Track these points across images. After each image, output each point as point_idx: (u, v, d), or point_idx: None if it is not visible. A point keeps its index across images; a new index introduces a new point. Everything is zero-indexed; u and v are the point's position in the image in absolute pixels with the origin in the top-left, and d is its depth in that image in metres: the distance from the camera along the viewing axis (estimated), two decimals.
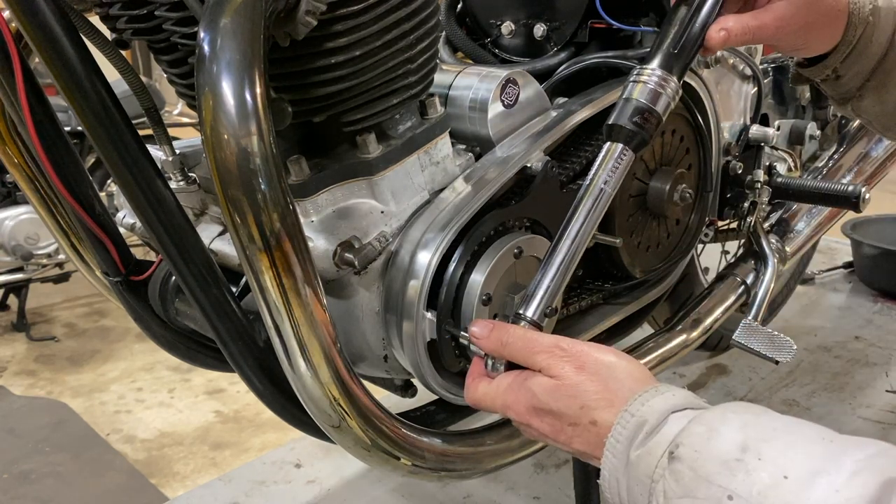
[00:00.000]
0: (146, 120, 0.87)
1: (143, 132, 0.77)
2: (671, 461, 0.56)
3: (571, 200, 0.79)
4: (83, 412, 2.69)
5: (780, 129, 1.52)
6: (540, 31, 1.09)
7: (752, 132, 1.31)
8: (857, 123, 1.64)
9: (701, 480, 0.54)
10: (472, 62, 1.15)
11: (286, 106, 0.76)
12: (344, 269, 0.80)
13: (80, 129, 1.41)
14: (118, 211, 1.02)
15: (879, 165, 1.57)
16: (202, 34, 0.61)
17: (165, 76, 0.85)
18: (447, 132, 0.89)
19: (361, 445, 0.77)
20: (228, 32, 0.60)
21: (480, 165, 0.91)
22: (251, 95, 0.60)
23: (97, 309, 3.52)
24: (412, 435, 0.82)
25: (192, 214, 0.95)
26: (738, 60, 1.26)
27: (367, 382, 0.79)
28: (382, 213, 0.84)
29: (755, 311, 1.22)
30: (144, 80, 0.89)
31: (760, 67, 1.31)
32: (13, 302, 3.35)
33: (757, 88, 1.32)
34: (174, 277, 0.94)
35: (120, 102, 0.74)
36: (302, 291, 0.66)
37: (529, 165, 0.91)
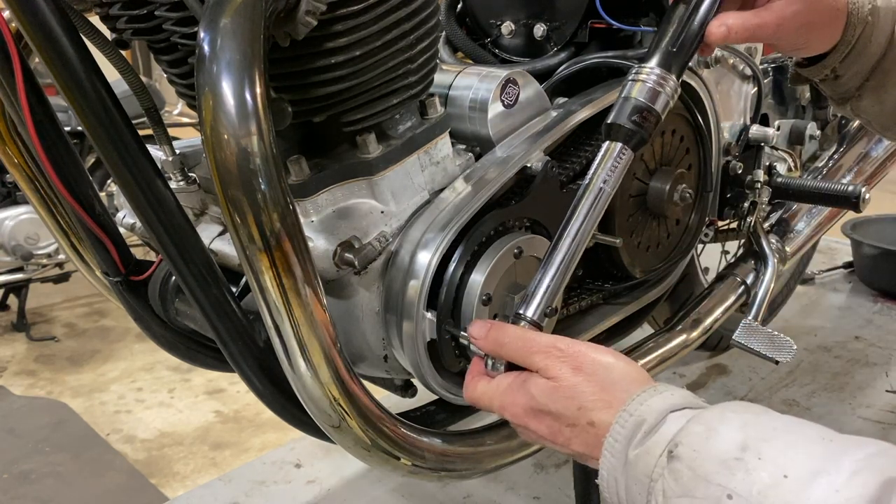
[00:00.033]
0: (146, 120, 0.87)
1: (143, 132, 0.77)
2: (670, 460, 0.56)
3: (571, 200, 0.79)
4: (83, 412, 2.69)
5: (780, 129, 1.52)
6: (540, 31, 1.09)
7: (752, 132, 1.31)
8: (856, 123, 1.64)
9: (700, 480, 0.54)
10: (472, 62, 1.15)
11: (286, 106, 0.76)
12: (344, 269, 0.80)
13: (80, 129, 1.41)
14: (118, 211, 1.02)
15: (879, 165, 1.57)
16: (202, 34, 0.61)
17: (165, 76, 0.85)
18: (447, 132, 0.89)
19: (361, 445, 0.77)
20: (228, 32, 0.60)
21: (480, 165, 0.91)
22: (251, 95, 0.60)
23: (97, 309, 3.52)
24: (412, 435, 0.82)
25: (192, 214, 0.95)
26: (738, 60, 1.26)
27: (367, 382, 0.79)
28: (382, 213, 0.84)
29: (755, 311, 1.22)
30: (144, 80, 0.89)
31: (760, 67, 1.31)
32: (13, 302, 3.35)
33: (757, 88, 1.32)
34: (174, 277, 0.94)
35: (120, 102, 0.74)
36: (302, 291, 0.66)
37: (529, 165, 0.91)
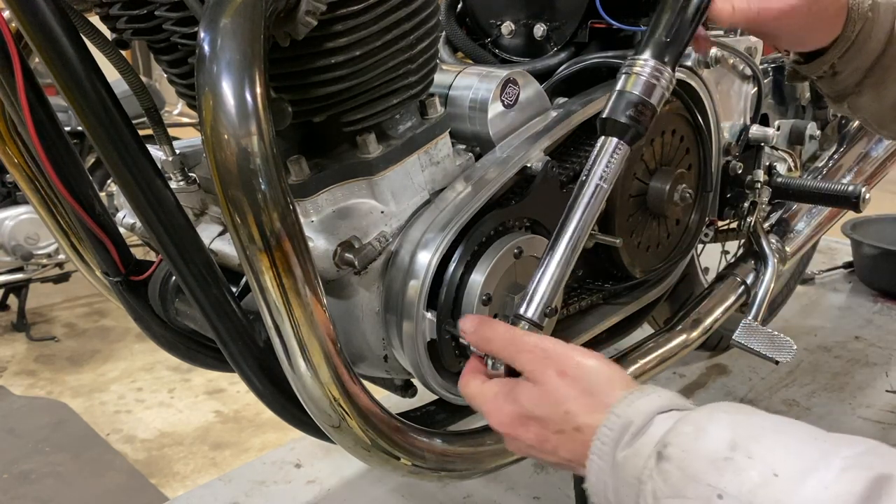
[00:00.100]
0: (146, 120, 0.87)
1: (143, 132, 0.77)
2: (659, 461, 0.56)
3: None
4: (83, 412, 2.68)
5: (780, 129, 1.51)
6: (540, 31, 1.09)
7: (752, 132, 1.31)
8: (856, 123, 1.64)
9: (690, 480, 0.53)
10: (472, 62, 1.15)
11: (286, 106, 0.76)
12: (344, 269, 0.80)
13: (80, 129, 1.41)
14: (118, 211, 1.02)
15: (879, 165, 1.57)
16: (202, 34, 0.61)
17: (165, 76, 0.85)
18: (447, 132, 0.89)
19: (361, 445, 0.77)
20: (228, 32, 0.60)
21: (480, 165, 0.91)
22: (251, 95, 0.60)
23: (97, 309, 3.52)
24: (412, 435, 0.82)
25: (192, 214, 0.95)
26: (738, 60, 1.26)
27: (367, 382, 0.79)
28: (382, 213, 0.84)
29: (755, 311, 1.22)
30: (144, 80, 0.89)
31: (760, 67, 1.31)
32: (13, 302, 3.35)
33: (757, 88, 1.32)
34: (174, 277, 0.94)
35: (120, 102, 0.74)
36: (302, 291, 0.66)
37: (529, 165, 0.91)
